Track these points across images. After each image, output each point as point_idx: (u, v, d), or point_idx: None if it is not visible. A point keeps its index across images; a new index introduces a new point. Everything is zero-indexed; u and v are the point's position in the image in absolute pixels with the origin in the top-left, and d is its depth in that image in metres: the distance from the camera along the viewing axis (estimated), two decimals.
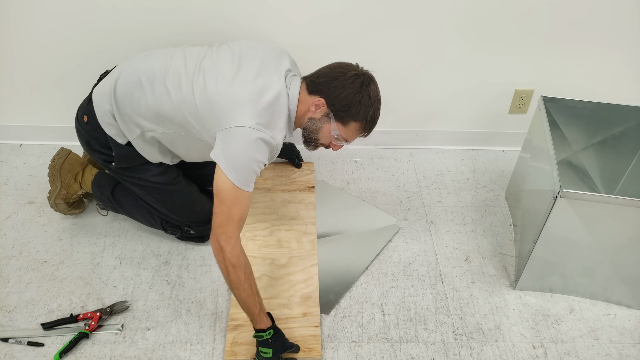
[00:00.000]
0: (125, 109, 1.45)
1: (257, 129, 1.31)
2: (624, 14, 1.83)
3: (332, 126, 1.43)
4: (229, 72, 1.37)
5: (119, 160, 1.54)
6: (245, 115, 1.31)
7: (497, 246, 1.83)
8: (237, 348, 1.46)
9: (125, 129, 1.48)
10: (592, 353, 1.52)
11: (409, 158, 2.20)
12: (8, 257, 1.72)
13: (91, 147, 1.57)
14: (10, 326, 1.53)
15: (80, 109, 1.58)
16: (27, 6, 1.80)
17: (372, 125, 1.46)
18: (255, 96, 1.34)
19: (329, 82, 1.39)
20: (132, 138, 1.49)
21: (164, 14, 1.82)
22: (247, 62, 1.40)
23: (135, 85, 1.43)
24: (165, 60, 1.45)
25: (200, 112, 1.36)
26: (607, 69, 1.98)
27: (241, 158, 1.31)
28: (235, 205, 1.32)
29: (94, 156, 1.60)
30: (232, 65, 1.39)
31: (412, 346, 1.52)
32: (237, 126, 1.30)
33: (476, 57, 1.96)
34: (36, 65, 1.95)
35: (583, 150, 1.81)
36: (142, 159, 1.55)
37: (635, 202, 1.37)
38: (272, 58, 1.45)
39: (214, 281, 1.67)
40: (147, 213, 1.71)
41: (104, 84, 1.51)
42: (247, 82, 1.35)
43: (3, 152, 2.15)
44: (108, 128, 1.50)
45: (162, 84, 1.40)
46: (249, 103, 1.32)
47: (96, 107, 1.50)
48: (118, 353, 1.48)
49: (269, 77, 1.39)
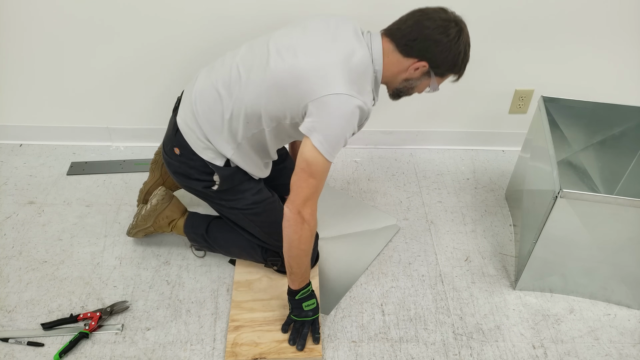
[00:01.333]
0: (215, 126, 1.39)
1: (352, 95, 1.24)
2: (624, 14, 1.83)
3: (432, 81, 1.38)
4: (305, 43, 1.30)
5: (223, 182, 1.46)
6: (338, 82, 1.24)
7: (497, 246, 1.83)
8: (237, 349, 1.46)
9: (222, 147, 1.41)
10: (592, 353, 1.52)
11: (409, 158, 2.20)
12: (8, 257, 1.72)
13: (189, 177, 1.49)
14: (10, 326, 1.53)
15: (168, 142, 1.50)
16: (27, 6, 1.80)
17: (464, 71, 1.40)
18: (343, 61, 1.27)
19: (432, 47, 1.30)
20: (230, 155, 1.42)
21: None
22: (319, 31, 1.33)
23: (214, 99, 1.38)
24: (232, 61, 1.39)
25: (286, 89, 1.29)
26: (607, 69, 1.98)
27: (335, 129, 1.25)
28: (322, 178, 1.30)
29: (192, 185, 1.51)
30: (305, 37, 1.32)
31: (412, 346, 1.52)
32: (332, 94, 1.23)
33: (476, 57, 1.95)
34: (36, 65, 1.95)
35: (583, 150, 1.81)
36: (243, 177, 1.49)
37: (635, 202, 1.37)
38: (340, 21, 1.37)
39: (214, 281, 1.67)
40: (246, 244, 1.62)
41: (184, 110, 1.45)
42: (328, 48, 1.29)
43: (3, 152, 2.15)
44: (204, 153, 1.43)
45: (237, 84, 1.35)
46: (339, 69, 1.25)
47: (186, 135, 1.43)
48: (118, 353, 1.48)
49: (348, 39, 1.31)
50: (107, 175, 2.05)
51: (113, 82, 2.00)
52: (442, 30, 1.29)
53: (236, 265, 1.69)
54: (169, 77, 1.98)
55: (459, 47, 1.32)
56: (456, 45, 1.31)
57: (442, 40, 1.30)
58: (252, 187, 1.52)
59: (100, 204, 1.93)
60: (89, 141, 2.19)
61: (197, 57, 1.91)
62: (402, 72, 1.36)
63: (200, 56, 1.91)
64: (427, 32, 1.30)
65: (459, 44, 1.32)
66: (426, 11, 1.32)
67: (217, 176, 1.46)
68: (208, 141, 1.41)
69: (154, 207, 1.65)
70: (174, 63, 1.95)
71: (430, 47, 1.31)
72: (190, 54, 1.91)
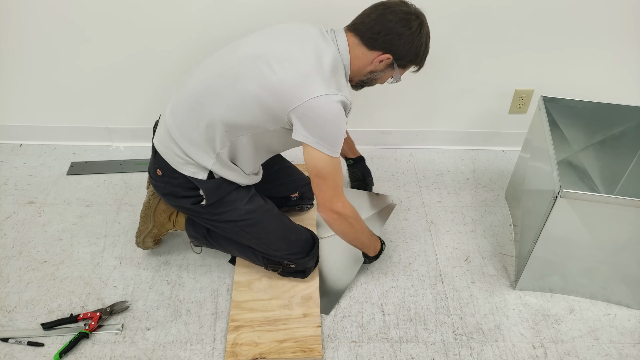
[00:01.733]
0: (190, 138, 1.38)
1: (332, 92, 1.28)
2: (624, 15, 1.83)
3: (395, 72, 1.43)
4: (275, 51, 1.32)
5: (209, 195, 1.43)
6: (317, 86, 1.27)
7: (497, 246, 1.83)
8: (237, 349, 1.46)
9: (201, 159, 1.39)
10: (592, 353, 1.52)
11: (409, 158, 2.20)
12: (8, 257, 1.72)
13: (176, 195, 1.47)
14: (10, 326, 1.53)
15: (151, 167, 1.50)
16: (27, 6, 1.80)
17: (424, 62, 1.45)
18: (314, 63, 1.29)
19: (395, 39, 1.34)
20: (210, 166, 1.39)
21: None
22: (286, 35, 1.36)
23: (186, 112, 1.37)
24: (202, 73, 1.39)
25: (262, 100, 1.30)
26: (607, 69, 1.98)
27: (329, 127, 1.29)
28: (336, 174, 1.35)
29: (181, 203, 1.48)
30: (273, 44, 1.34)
31: (412, 346, 1.52)
32: (313, 97, 1.26)
33: (476, 57, 1.96)
34: (36, 65, 1.95)
35: (583, 150, 1.81)
36: (230, 186, 1.45)
37: (635, 202, 1.37)
38: (304, 25, 1.40)
39: (214, 281, 1.67)
40: (247, 249, 1.61)
41: (160, 130, 1.46)
42: (298, 53, 1.31)
43: (3, 152, 2.15)
44: (185, 169, 1.41)
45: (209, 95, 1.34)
46: (313, 72, 1.28)
47: (164, 155, 1.43)
48: (118, 353, 1.48)
49: (315, 40, 1.34)
50: (107, 175, 2.05)
51: (113, 82, 2.00)
52: (405, 23, 1.34)
53: (236, 265, 1.69)
54: (169, 77, 1.98)
55: (420, 39, 1.37)
56: (418, 38, 1.36)
57: (404, 32, 1.34)
58: (242, 197, 1.48)
59: (100, 204, 1.93)
60: (89, 141, 2.19)
61: (198, 56, 1.90)
62: (368, 65, 1.40)
63: (201, 55, 1.90)
64: (390, 25, 1.34)
65: (421, 36, 1.36)
66: (388, 4, 1.36)
67: (202, 190, 1.43)
68: (187, 156, 1.39)
69: (146, 204, 1.64)
70: (174, 63, 1.95)
71: (394, 40, 1.35)
72: (190, 53, 1.91)
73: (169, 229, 1.69)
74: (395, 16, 1.34)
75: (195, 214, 1.52)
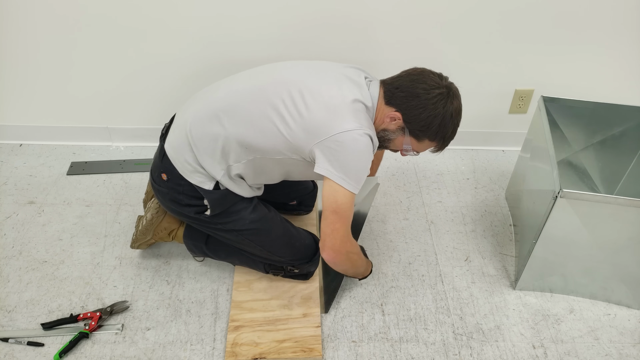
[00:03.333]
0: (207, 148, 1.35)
1: (362, 128, 1.25)
2: (624, 14, 1.83)
3: (406, 140, 1.36)
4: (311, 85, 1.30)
5: (214, 206, 1.41)
6: (346, 120, 1.25)
7: (497, 246, 1.83)
8: (237, 349, 1.46)
9: (212, 169, 1.37)
10: (592, 353, 1.52)
11: (409, 158, 2.19)
12: (8, 257, 1.72)
13: (179, 203, 1.45)
14: (10, 326, 1.53)
15: (155, 169, 1.47)
16: (27, 6, 1.80)
17: (446, 144, 1.38)
18: (347, 101, 1.28)
19: (409, 99, 1.30)
20: (219, 177, 1.38)
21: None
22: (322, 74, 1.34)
23: (211, 122, 1.34)
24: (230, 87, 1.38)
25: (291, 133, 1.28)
26: (607, 69, 1.98)
27: (356, 162, 1.26)
28: (351, 211, 1.31)
29: (184, 211, 1.46)
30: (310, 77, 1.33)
31: (412, 346, 1.52)
32: (343, 131, 1.23)
33: (476, 57, 1.96)
34: (36, 65, 1.95)
35: (583, 150, 1.81)
36: (234, 198, 1.44)
37: (635, 202, 1.37)
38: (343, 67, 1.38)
39: (214, 281, 1.67)
40: (247, 258, 1.60)
41: (174, 133, 1.42)
42: (333, 91, 1.29)
43: (3, 152, 2.15)
44: (192, 177, 1.39)
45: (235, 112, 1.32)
46: (345, 108, 1.27)
47: (174, 160, 1.40)
48: (118, 353, 1.48)
49: (350, 82, 1.32)
50: (107, 175, 2.05)
51: (113, 82, 2.00)
52: (427, 88, 1.29)
53: (236, 265, 1.69)
54: (169, 77, 1.99)
55: (436, 109, 1.29)
56: (434, 106, 1.29)
57: (421, 96, 1.29)
58: (246, 207, 1.46)
59: (100, 204, 1.93)
60: (89, 141, 2.19)
61: (197, 57, 1.92)
62: (382, 121, 1.35)
63: (200, 57, 1.91)
64: (412, 85, 1.30)
65: (438, 106, 1.29)
66: (425, 71, 1.33)
67: (207, 200, 1.41)
68: (197, 164, 1.37)
69: (149, 222, 1.62)
70: (175, 63, 1.95)
71: (408, 100, 1.30)
72: (191, 53, 1.92)
73: (166, 241, 1.70)
74: (422, 81, 1.30)
75: (197, 222, 1.51)
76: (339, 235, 1.32)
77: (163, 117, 2.07)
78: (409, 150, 1.39)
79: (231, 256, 1.62)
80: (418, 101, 1.29)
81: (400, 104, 1.31)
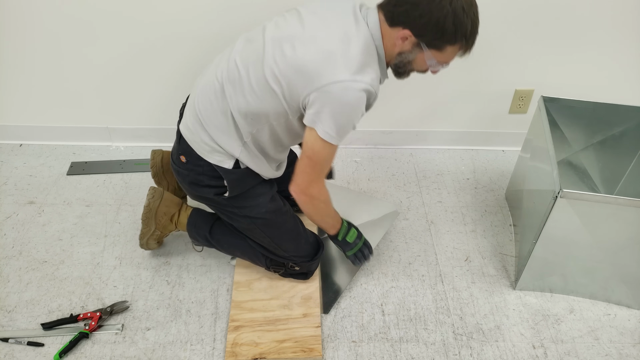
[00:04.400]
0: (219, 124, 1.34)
1: (355, 79, 1.18)
2: (624, 14, 1.83)
3: (427, 55, 1.24)
4: (302, 32, 1.24)
5: (232, 186, 1.40)
6: (338, 69, 1.18)
7: (497, 246, 1.83)
8: (237, 349, 1.46)
9: (229, 146, 1.35)
10: (592, 353, 1.52)
11: (409, 158, 2.20)
12: (8, 257, 1.72)
13: (199, 184, 1.44)
14: (10, 326, 1.53)
15: (175, 151, 1.47)
16: (27, 6, 1.80)
17: (471, 42, 1.24)
18: (342, 45, 1.20)
19: (412, 11, 1.18)
20: (238, 153, 1.36)
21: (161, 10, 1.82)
22: (316, 16, 1.27)
23: (216, 95, 1.33)
24: (229, 56, 1.34)
25: (286, 82, 1.23)
26: (607, 69, 1.98)
27: (341, 118, 1.21)
28: (328, 163, 1.31)
29: (204, 193, 1.45)
30: (301, 25, 1.26)
31: (412, 346, 1.52)
32: (333, 82, 1.18)
33: (476, 57, 1.95)
34: (36, 65, 1.95)
35: (583, 150, 1.81)
36: (254, 180, 1.43)
37: (635, 202, 1.38)
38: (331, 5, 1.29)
39: (214, 281, 1.67)
40: (249, 251, 1.58)
41: (187, 115, 1.42)
42: (326, 33, 1.23)
43: (3, 152, 2.15)
44: (211, 156, 1.38)
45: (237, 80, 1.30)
46: (339, 55, 1.19)
47: (190, 141, 1.40)
48: (118, 353, 1.48)
49: (345, 19, 1.24)
50: (107, 175, 2.05)
51: (113, 82, 2.00)
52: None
53: (236, 265, 1.69)
54: (169, 77, 1.99)
55: (443, 9, 1.15)
56: (439, 7, 1.16)
57: (421, 1, 1.17)
58: (266, 192, 1.46)
59: (100, 204, 1.93)
60: (89, 141, 2.19)
61: (198, 56, 1.91)
62: (394, 46, 1.25)
63: (201, 55, 1.91)
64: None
65: (444, 5, 1.15)
66: None
67: (226, 181, 1.40)
68: (214, 142, 1.36)
69: (147, 207, 1.63)
70: (175, 62, 1.95)
71: (411, 12, 1.19)
72: (191, 53, 1.92)
73: (171, 230, 1.69)
74: None
75: (216, 205, 1.50)
76: (307, 177, 1.32)
77: (163, 117, 2.08)
78: (435, 65, 1.27)
79: (234, 247, 1.61)
80: (421, 9, 1.17)
81: (405, 20, 1.21)
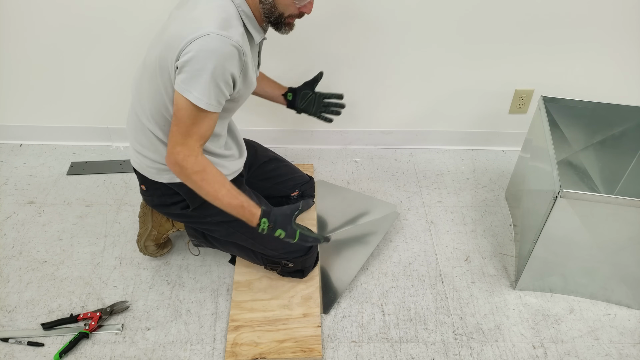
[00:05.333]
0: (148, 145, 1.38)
1: (218, 33, 1.16)
2: (624, 14, 1.83)
3: None
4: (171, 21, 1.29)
5: (191, 198, 1.41)
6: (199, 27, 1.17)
7: (497, 246, 1.83)
8: (237, 349, 1.46)
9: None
10: (592, 353, 1.52)
11: (409, 158, 2.20)
12: (8, 257, 1.72)
13: (165, 204, 1.48)
14: (10, 326, 1.53)
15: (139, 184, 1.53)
16: (27, 6, 1.80)
17: None
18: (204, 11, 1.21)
19: None
20: None
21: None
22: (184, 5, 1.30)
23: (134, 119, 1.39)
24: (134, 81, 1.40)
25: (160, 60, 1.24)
26: (607, 69, 1.98)
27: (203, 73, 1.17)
28: (194, 124, 1.23)
29: (172, 211, 1.49)
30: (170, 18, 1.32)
31: (412, 346, 1.52)
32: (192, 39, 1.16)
33: (476, 57, 1.96)
34: (36, 65, 1.95)
35: (583, 150, 1.81)
36: None
37: (635, 202, 1.38)
38: None
39: (214, 281, 1.67)
40: (246, 248, 1.58)
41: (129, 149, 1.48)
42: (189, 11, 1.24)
43: (3, 152, 2.15)
44: (160, 176, 1.42)
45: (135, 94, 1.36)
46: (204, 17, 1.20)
47: (140, 169, 1.45)
48: (118, 353, 1.48)
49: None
50: (107, 175, 2.06)
51: (113, 82, 2.00)
52: None
53: (236, 265, 1.69)
54: None
55: None
56: None
57: None
58: None
59: (100, 204, 1.93)
60: (89, 141, 2.19)
61: None
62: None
63: None
64: None
65: None
66: None
67: (182, 194, 1.42)
68: (155, 162, 1.40)
69: (143, 204, 1.65)
70: None
71: None
72: None
73: (168, 229, 1.69)
74: None
75: (188, 220, 1.52)
76: (172, 139, 1.24)
77: None
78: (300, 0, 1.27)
79: (230, 246, 1.61)
80: None
81: None
